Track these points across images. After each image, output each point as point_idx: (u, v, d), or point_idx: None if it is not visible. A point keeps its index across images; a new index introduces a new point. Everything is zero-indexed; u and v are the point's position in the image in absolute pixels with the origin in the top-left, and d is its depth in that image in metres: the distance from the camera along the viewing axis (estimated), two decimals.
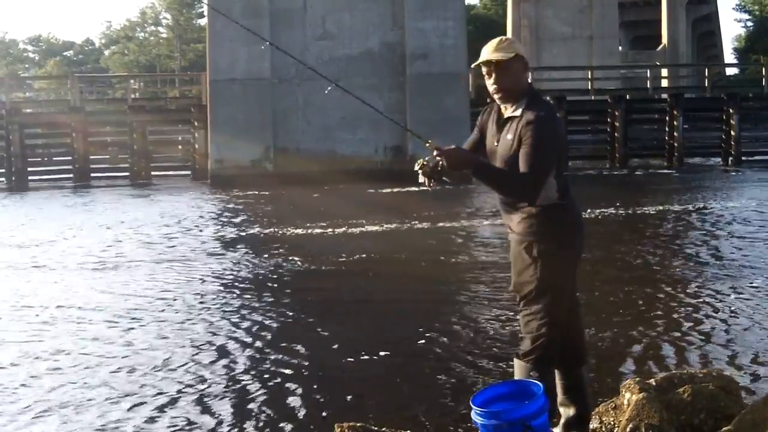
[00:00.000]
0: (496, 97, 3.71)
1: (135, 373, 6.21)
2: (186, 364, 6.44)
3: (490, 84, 3.69)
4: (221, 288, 9.60)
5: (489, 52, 3.66)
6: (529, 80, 3.77)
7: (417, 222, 15.06)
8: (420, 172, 3.66)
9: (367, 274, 10.49)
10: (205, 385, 5.90)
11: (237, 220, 16.66)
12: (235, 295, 9.20)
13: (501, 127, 3.70)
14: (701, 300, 8.35)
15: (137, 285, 9.78)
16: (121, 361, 6.56)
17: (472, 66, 3.80)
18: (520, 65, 3.68)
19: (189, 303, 8.73)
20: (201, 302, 8.77)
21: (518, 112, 3.63)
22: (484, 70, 3.69)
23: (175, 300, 8.88)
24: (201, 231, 14.91)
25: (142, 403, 5.54)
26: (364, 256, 11.73)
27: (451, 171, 3.59)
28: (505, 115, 3.70)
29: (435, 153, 3.61)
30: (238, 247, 12.85)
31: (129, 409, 5.44)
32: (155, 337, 7.32)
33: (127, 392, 5.77)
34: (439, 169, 3.63)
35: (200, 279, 10.14)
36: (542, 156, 3.54)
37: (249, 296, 9.10)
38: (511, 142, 3.61)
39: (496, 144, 3.70)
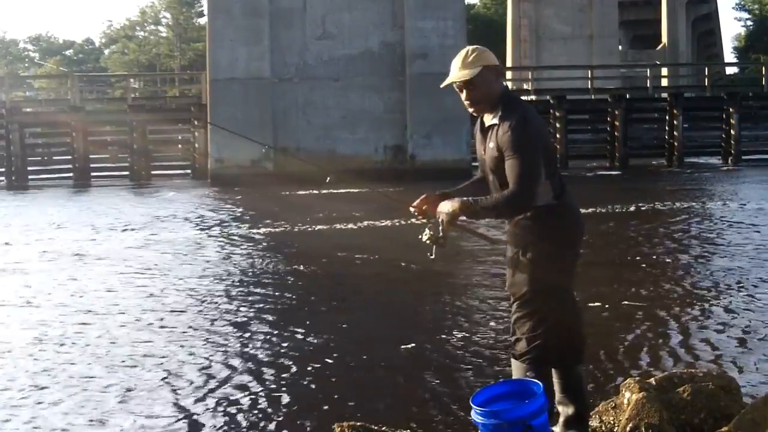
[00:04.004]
0: (471, 111, 3.73)
1: (116, 369, 6.21)
2: (180, 362, 6.44)
3: (463, 99, 3.70)
4: (202, 288, 9.61)
5: (457, 68, 3.65)
6: (505, 84, 3.76)
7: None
8: (428, 242, 3.65)
9: (360, 273, 10.49)
10: (203, 384, 5.90)
11: (196, 218, 16.78)
12: (225, 294, 9.20)
13: (484, 135, 3.73)
14: (701, 299, 8.35)
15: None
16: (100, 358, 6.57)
17: (441, 86, 3.80)
18: (490, 76, 3.64)
19: (166, 303, 8.74)
20: (188, 302, 8.79)
21: (496, 120, 3.65)
22: (455, 85, 3.69)
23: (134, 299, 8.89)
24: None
25: (129, 393, 5.55)
26: (354, 255, 11.73)
27: (453, 225, 3.61)
28: (486, 124, 3.73)
29: (421, 215, 3.67)
30: (211, 245, 12.88)
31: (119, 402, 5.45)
32: (143, 335, 7.33)
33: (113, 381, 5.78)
34: (442, 233, 3.61)
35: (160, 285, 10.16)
36: (526, 164, 3.53)
37: (239, 294, 9.10)
38: (494, 151, 3.63)
39: (483, 153, 3.75)
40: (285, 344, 6.98)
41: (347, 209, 16.33)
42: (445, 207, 3.61)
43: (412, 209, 3.76)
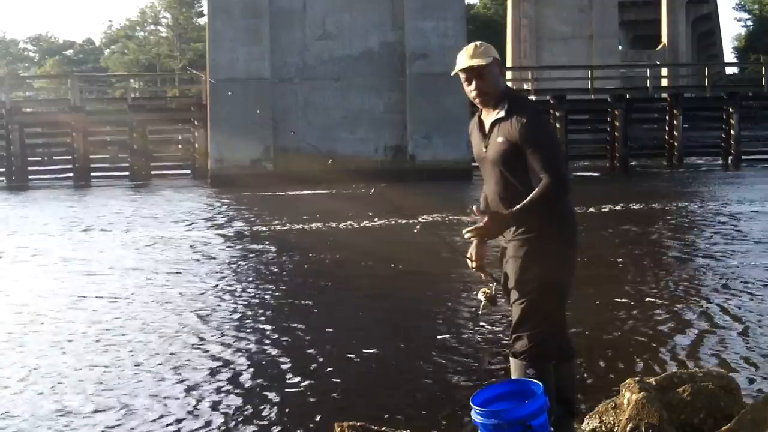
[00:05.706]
0: (477, 101, 3.79)
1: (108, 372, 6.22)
2: (181, 362, 6.44)
3: (470, 90, 3.75)
4: (214, 286, 9.62)
5: (467, 58, 3.72)
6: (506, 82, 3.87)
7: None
8: (485, 300, 3.87)
9: (358, 272, 10.50)
10: (203, 382, 5.90)
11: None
12: (228, 293, 9.20)
13: (487, 132, 3.76)
14: (702, 299, 8.35)
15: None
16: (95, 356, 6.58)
17: (452, 74, 3.85)
18: (497, 69, 3.76)
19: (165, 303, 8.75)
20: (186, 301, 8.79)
21: (502, 114, 3.70)
22: (462, 76, 3.75)
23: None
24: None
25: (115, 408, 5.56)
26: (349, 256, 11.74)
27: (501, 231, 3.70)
28: (489, 120, 3.76)
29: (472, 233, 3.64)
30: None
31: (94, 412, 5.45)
32: (141, 337, 7.33)
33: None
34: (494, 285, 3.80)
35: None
36: (554, 149, 3.68)
37: (240, 294, 9.11)
38: (503, 144, 3.67)
39: (484, 150, 3.78)
40: (283, 342, 6.99)
41: (346, 209, 16.34)
42: (493, 223, 3.61)
43: (471, 266, 3.91)
